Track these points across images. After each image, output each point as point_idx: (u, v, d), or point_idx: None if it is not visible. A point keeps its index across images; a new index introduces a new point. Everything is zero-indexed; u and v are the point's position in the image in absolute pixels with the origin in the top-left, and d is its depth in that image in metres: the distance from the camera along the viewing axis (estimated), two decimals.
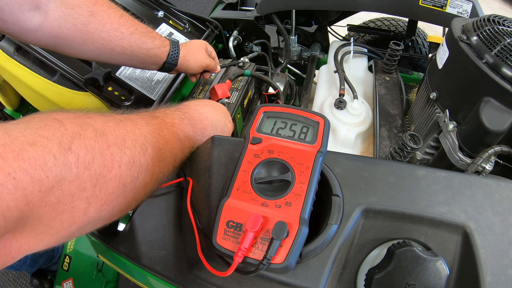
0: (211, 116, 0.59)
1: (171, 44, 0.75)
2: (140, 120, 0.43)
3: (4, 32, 0.54)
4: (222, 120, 0.61)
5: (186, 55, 0.79)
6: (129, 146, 0.37)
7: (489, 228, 0.40)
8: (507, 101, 0.57)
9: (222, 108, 0.64)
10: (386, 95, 0.94)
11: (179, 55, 0.76)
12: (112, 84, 0.90)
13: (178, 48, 0.76)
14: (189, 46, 0.81)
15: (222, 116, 0.62)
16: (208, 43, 0.87)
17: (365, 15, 1.40)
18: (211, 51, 0.88)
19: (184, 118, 0.53)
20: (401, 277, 0.35)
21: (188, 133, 0.52)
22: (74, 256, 1.05)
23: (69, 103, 0.87)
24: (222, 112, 0.63)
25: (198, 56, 0.82)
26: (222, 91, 0.89)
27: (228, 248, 0.36)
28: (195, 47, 0.82)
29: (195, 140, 0.54)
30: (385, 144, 0.83)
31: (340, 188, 0.44)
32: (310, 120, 0.43)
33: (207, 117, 0.58)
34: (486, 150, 0.60)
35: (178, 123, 0.51)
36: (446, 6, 0.89)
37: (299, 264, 0.40)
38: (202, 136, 0.55)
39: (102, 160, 0.32)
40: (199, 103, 0.60)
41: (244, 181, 0.40)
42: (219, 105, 0.64)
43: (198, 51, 0.82)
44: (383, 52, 1.09)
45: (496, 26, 0.63)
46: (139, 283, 0.53)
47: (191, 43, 0.83)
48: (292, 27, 1.20)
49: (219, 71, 0.94)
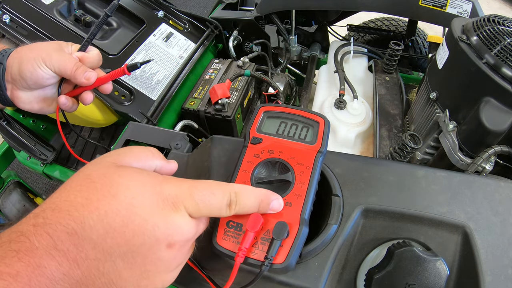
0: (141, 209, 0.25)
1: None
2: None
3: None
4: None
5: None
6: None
7: (489, 228, 0.40)
8: (507, 101, 0.57)
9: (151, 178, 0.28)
10: (386, 95, 0.94)
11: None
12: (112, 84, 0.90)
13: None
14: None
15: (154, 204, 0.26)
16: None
17: (365, 15, 1.40)
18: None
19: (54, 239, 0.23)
20: (401, 277, 0.35)
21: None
22: None
23: None
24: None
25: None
26: (222, 91, 0.89)
27: (228, 249, 0.36)
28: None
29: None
30: (385, 144, 0.83)
31: (340, 188, 0.44)
32: (310, 120, 0.43)
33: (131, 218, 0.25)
34: (486, 150, 0.60)
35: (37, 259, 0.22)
36: (446, 6, 0.89)
37: (299, 264, 0.40)
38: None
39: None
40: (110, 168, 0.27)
41: (244, 181, 0.40)
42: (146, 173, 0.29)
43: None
44: (383, 52, 1.09)
45: (496, 26, 0.63)
46: None
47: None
48: (292, 27, 1.20)
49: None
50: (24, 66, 0.47)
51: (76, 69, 0.48)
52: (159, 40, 1.02)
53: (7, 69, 0.48)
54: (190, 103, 0.94)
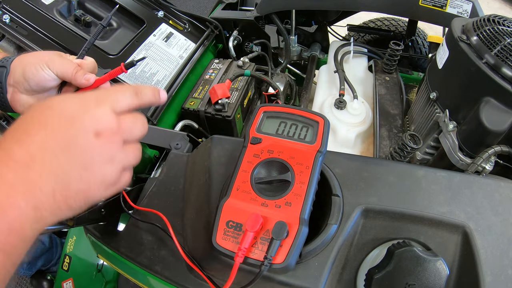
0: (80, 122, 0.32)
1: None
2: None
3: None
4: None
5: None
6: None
7: (489, 228, 0.40)
8: (507, 101, 0.57)
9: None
10: (386, 95, 0.94)
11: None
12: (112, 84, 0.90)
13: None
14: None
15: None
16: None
17: (365, 15, 1.40)
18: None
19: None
20: (401, 277, 0.35)
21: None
22: (74, 256, 1.05)
23: None
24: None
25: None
26: (222, 91, 0.89)
27: (228, 248, 0.36)
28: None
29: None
30: (385, 144, 0.83)
31: (340, 188, 0.44)
32: (309, 120, 0.43)
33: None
34: (486, 150, 0.60)
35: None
36: (446, 6, 0.89)
37: (299, 264, 0.40)
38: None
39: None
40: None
41: (244, 181, 0.40)
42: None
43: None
44: (383, 52, 1.09)
45: (496, 26, 0.63)
46: (139, 283, 0.53)
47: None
48: (292, 27, 1.20)
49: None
50: (28, 69, 0.51)
51: (76, 71, 0.52)
52: (159, 40, 1.02)
53: (10, 73, 0.52)
54: (190, 103, 0.94)
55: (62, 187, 0.31)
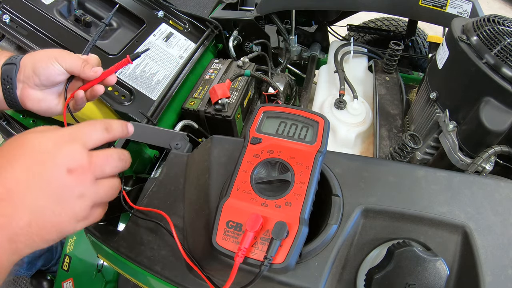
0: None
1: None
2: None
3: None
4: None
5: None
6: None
7: (489, 228, 0.40)
8: (507, 101, 0.57)
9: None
10: (386, 95, 0.94)
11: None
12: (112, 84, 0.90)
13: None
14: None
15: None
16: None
17: (365, 15, 1.40)
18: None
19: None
20: (401, 277, 0.35)
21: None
22: (74, 256, 1.05)
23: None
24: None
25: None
26: (221, 91, 0.89)
27: (228, 248, 0.36)
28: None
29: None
30: (385, 144, 0.83)
31: (340, 188, 0.44)
32: (310, 120, 0.43)
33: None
34: (486, 150, 0.60)
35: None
36: (446, 6, 0.89)
37: (299, 264, 0.40)
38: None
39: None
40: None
41: (244, 181, 0.40)
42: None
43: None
44: (383, 52, 1.09)
45: (496, 26, 0.63)
46: (139, 283, 0.53)
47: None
48: (292, 27, 1.20)
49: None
50: (38, 64, 0.53)
51: (84, 65, 0.56)
52: (159, 40, 1.02)
53: (20, 69, 0.54)
54: (190, 103, 0.94)
55: (36, 221, 0.32)
